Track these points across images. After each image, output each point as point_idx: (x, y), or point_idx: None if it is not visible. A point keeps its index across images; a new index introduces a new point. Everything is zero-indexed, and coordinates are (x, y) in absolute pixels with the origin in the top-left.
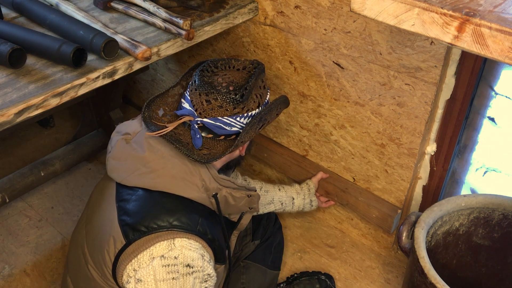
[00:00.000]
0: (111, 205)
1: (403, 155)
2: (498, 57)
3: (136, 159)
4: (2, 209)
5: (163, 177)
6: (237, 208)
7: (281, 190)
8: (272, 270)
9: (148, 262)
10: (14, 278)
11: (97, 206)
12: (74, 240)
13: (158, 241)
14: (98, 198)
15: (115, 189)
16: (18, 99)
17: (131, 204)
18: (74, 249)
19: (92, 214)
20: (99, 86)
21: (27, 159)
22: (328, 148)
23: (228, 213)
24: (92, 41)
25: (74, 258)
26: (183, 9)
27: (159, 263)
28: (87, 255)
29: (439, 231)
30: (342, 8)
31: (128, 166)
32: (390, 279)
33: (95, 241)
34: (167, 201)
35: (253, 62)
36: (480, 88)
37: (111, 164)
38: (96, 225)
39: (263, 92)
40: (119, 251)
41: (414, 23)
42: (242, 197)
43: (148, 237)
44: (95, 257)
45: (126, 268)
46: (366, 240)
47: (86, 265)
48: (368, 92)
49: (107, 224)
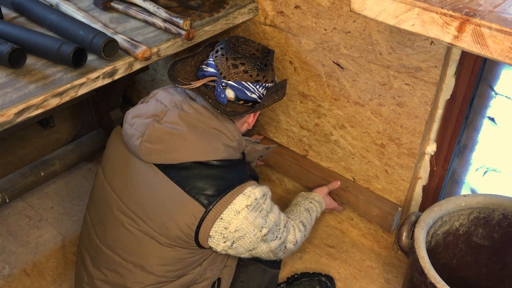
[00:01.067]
0: (167, 184)
1: (403, 155)
2: (498, 57)
3: (177, 136)
4: (2, 209)
5: (208, 147)
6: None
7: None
8: (271, 269)
9: (236, 215)
10: (14, 278)
11: (146, 191)
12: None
13: (234, 198)
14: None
15: (159, 171)
16: (18, 99)
17: (192, 176)
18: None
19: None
20: (99, 86)
21: (27, 159)
22: (328, 148)
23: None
24: (92, 41)
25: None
26: (183, 9)
27: (246, 211)
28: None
29: (439, 231)
30: (342, 8)
31: (171, 146)
32: (390, 279)
33: (165, 220)
34: (221, 165)
35: (264, 47)
36: (480, 88)
37: (147, 148)
38: (159, 207)
39: (275, 72)
40: (201, 219)
41: (414, 23)
42: (263, 150)
43: (223, 199)
44: (170, 234)
45: (212, 230)
46: (366, 240)
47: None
48: (368, 92)
49: (174, 201)
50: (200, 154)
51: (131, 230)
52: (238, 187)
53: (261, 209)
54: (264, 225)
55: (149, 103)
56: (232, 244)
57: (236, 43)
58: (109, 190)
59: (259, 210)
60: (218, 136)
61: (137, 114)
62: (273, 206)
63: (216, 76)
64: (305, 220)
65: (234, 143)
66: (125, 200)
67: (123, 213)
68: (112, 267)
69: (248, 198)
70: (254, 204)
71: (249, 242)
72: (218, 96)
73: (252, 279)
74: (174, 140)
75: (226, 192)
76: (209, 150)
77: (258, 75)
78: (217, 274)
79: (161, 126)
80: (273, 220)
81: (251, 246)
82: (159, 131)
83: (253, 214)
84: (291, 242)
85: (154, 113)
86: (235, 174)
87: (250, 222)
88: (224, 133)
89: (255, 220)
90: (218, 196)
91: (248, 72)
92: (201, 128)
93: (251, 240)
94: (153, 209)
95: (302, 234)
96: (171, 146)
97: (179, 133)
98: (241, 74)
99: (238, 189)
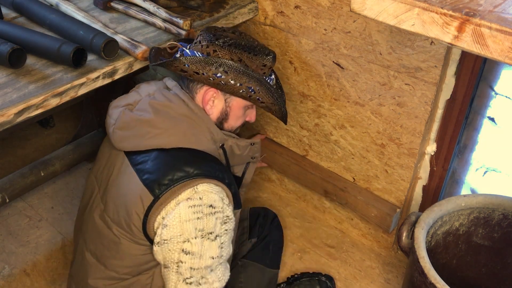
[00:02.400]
0: (128, 171)
1: (403, 155)
2: (498, 57)
3: (144, 123)
4: (2, 209)
5: (175, 134)
6: (242, 158)
7: None
8: (271, 269)
9: (175, 207)
10: (14, 278)
11: (111, 177)
12: (88, 214)
13: (184, 190)
14: (108, 172)
15: (125, 158)
16: (18, 99)
17: (150, 164)
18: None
19: (108, 186)
20: (99, 86)
21: (27, 159)
22: (328, 148)
23: (233, 164)
24: (92, 41)
25: (93, 229)
26: (183, 9)
27: (185, 204)
28: (109, 222)
29: (439, 231)
30: (342, 8)
31: (138, 132)
32: (390, 279)
33: (119, 207)
34: (184, 155)
35: (271, 52)
36: (480, 88)
37: (118, 135)
38: (116, 192)
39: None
40: (148, 207)
41: (414, 23)
42: (246, 145)
43: (174, 188)
44: (121, 221)
45: (156, 219)
46: (366, 240)
47: (111, 230)
48: (368, 92)
49: (129, 188)
50: (166, 142)
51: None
52: (192, 180)
53: (200, 217)
54: (192, 240)
55: (129, 94)
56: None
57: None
58: (93, 181)
59: (197, 216)
60: (188, 123)
61: (116, 105)
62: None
63: (182, 45)
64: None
65: (206, 132)
66: (100, 188)
67: (94, 200)
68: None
69: (194, 193)
70: (197, 204)
71: (167, 250)
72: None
73: (251, 279)
74: (142, 126)
75: (178, 183)
76: (177, 138)
77: (208, 46)
78: None
79: (131, 113)
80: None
81: (166, 261)
82: (129, 117)
83: (189, 212)
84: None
85: (129, 102)
86: (197, 167)
87: (182, 220)
88: (194, 120)
89: (187, 222)
90: (169, 186)
91: (201, 43)
92: (169, 115)
93: (170, 249)
94: (112, 195)
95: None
96: (139, 132)
97: (146, 119)
98: (196, 44)
99: (190, 182)
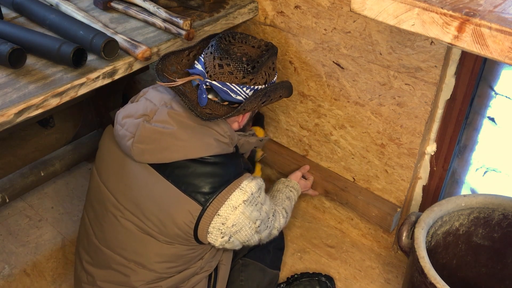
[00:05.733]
0: (162, 183)
1: (403, 155)
2: (498, 57)
3: (167, 136)
4: (2, 209)
5: (200, 145)
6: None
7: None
8: (271, 269)
9: (233, 211)
10: (14, 278)
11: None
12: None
13: (230, 193)
14: (128, 182)
15: (154, 170)
16: (18, 99)
17: (187, 175)
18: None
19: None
20: (99, 86)
21: (27, 159)
22: (328, 148)
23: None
24: (92, 41)
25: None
26: (183, 9)
27: (243, 205)
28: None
29: (439, 231)
30: (342, 8)
31: (162, 145)
32: (390, 279)
33: (165, 221)
34: (215, 161)
35: (268, 44)
36: (480, 88)
37: (139, 149)
38: (157, 207)
39: (271, 73)
40: (198, 217)
41: (414, 23)
42: (255, 142)
43: (220, 196)
44: (169, 232)
45: (210, 227)
46: (366, 240)
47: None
48: (368, 92)
49: (171, 201)
50: (192, 152)
51: (130, 229)
52: (234, 182)
53: (257, 203)
54: (259, 217)
55: (139, 102)
56: (230, 239)
57: (232, 39)
58: (105, 191)
59: (254, 204)
60: (209, 132)
61: (127, 114)
62: (266, 198)
63: (201, 75)
64: (287, 207)
65: (226, 138)
66: (122, 200)
67: (121, 213)
68: (114, 266)
69: (244, 193)
70: (250, 199)
71: (244, 235)
72: (199, 96)
73: (251, 278)
74: (165, 139)
75: (222, 189)
76: (201, 147)
77: (244, 77)
78: (215, 265)
79: (151, 126)
80: (265, 211)
81: (246, 238)
82: (150, 131)
83: (249, 208)
84: (276, 228)
85: (144, 112)
86: (230, 169)
87: (246, 216)
88: (214, 129)
89: (251, 214)
90: (214, 193)
91: (233, 74)
92: (191, 126)
93: (246, 233)
94: (150, 208)
95: (284, 221)
96: (162, 146)
97: (169, 132)
98: (226, 74)
99: (234, 184)
